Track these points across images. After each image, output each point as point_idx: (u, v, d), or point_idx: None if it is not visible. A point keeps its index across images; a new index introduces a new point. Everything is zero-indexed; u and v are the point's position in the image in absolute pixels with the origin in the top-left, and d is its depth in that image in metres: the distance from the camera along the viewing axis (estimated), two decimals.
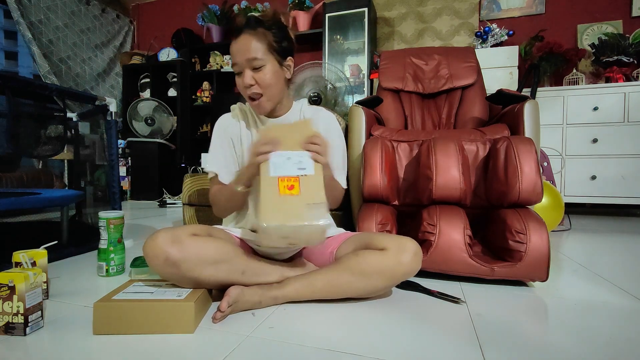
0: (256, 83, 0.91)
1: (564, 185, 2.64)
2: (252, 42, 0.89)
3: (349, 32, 3.38)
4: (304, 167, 0.83)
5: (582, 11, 2.95)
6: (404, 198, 1.34)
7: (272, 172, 0.81)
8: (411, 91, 1.83)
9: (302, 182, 0.81)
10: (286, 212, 0.78)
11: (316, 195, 0.80)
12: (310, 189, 0.81)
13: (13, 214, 2.09)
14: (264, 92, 0.93)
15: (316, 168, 0.83)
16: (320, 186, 0.82)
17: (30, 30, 3.37)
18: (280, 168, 0.82)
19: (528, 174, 1.10)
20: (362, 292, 0.89)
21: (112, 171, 1.56)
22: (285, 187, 0.80)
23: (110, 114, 1.57)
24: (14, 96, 1.33)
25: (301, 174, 0.82)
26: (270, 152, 0.82)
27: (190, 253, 0.77)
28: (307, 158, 0.84)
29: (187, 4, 4.27)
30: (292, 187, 0.81)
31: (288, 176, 0.81)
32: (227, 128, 1.04)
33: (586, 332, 0.77)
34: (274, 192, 0.80)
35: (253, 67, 0.90)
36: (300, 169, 0.82)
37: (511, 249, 1.04)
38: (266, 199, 0.79)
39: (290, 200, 0.79)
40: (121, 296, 0.77)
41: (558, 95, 2.64)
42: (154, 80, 4.06)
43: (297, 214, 0.78)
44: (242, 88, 0.93)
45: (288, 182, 0.81)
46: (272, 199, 0.79)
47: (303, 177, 0.82)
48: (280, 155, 0.83)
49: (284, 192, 0.80)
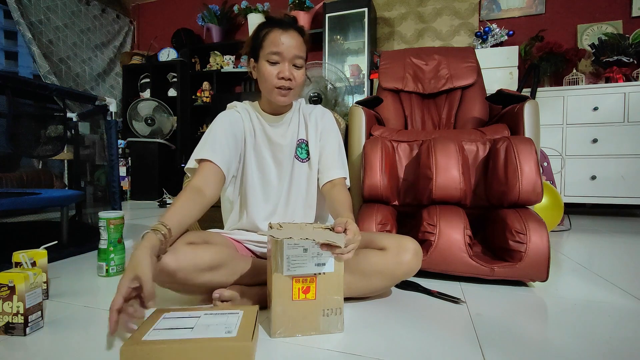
0: (293, 79, 0.94)
1: (564, 185, 2.64)
2: (301, 42, 0.95)
3: (349, 32, 3.38)
4: (324, 261, 0.72)
5: (582, 11, 2.95)
6: (404, 198, 1.34)
7: (286, 269, 0.70)
8: (411, 91, 1.83)
9: (320, 283, 0.72)
10: (299, 323, 0.71)
11: (334, 300, 0.72)
12: (328, 292, 0.72)
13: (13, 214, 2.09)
14: (294, 88, 0.96)
15: (336, 264, 0.72)
16: (339, 287, 0.72)
17: (30, 30, 3.37)
18: (296, 264, 0.71)
19: (528, 174, 1.10)
20: (362, 291, 0.89)
21: (112, 171, 1.56)
22: (300, 290, 0.71)
23: (110, 114, 1.57)
24: (14, 96, 1.33)
25: (319, 272, 0.72)
26: (282, 239, 0.68)
27: (185, 262, 0.76)
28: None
29: (187, 4, 4.27)
30: (307, 289, 0.71)
31: (304, 275, 0.71)
32: (232, 122, 1.00)
33: (585, 332, 0.77)
34: (287, 298, 0.71)
35: (294, 64, 0.94)
36: (319, 264, 0.72)
37: (511, 249, 1.04)
38: (277, 307, 0.71)
39: (304, 307, 0.71)
40: (153, 335, 0.61)
41: (558, 95, 2.64)
42: (154, 80, 4.06)
43: (312, 323, 0.72)
44: (274, 77, 0.93)
45: (304, 284, 0.71)
46: (284, 308, 0.71)
47: (321, 276, 0.72)
48: (296, 246, 0.71)
49: (298, 298, 0.71)
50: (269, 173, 1.01)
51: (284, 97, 0.96)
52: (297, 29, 0.95)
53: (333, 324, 0.73)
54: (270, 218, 1.00)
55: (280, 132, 1.02)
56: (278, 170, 1.02)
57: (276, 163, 1.02)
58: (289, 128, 1.04)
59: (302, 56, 0.94)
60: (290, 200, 1.01)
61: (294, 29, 0.94)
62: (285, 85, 0.94)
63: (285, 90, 0.95)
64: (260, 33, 0.95)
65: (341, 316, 0.73)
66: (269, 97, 0.98)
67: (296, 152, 1.03)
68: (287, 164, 1.02)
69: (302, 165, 1.03)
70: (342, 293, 0.73)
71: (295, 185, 1.02)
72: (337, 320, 0.73)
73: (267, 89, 0.96)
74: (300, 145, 1.04)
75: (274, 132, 1.02)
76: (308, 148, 1.04)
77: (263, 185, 1.01)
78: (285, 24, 0.93)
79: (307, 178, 1.03)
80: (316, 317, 0.72)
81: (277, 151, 1.01)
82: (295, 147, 1.03)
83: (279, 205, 1.01)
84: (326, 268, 0.72)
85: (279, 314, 0.71)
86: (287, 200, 1.01)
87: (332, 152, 1.03)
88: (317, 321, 0.72)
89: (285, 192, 1.02)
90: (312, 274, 0.71)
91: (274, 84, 0.94)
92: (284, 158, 1.01)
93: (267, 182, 1.01)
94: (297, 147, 1.03)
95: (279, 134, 1.02)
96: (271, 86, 0.94)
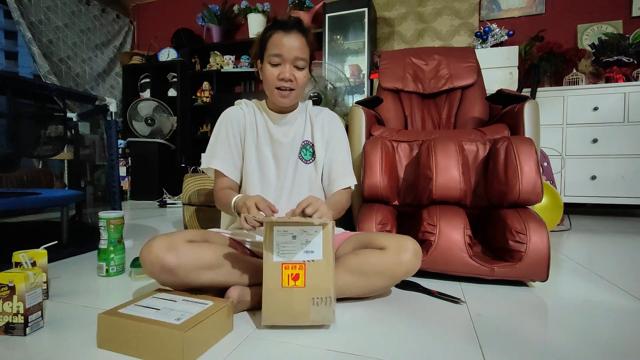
0: (294, 80, 0.95)
1: (564, 185, 2.64)
2: (304, 43, 0.96)
3: (349, 32, 3.38)
4: (312, 249, 0.73)
5: (582, 11, 2.95)
6: (404, 198, 1.34)
7: (275, 255, 0.73)
8: (411, 91, 1.83)
9: (309, 270, 0.73)
10: (289, 310, 0.72)
11: (324, 287, 0.73)
12: (317, 280, 0.73)
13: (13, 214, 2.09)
14: (295, 89, 0.97)
15: (325, 251, 0.74)
16: (329, 276, 0.73)
17: (30, 30, 3.37)
18: (285, 250, 0.73)
19: (528, 174, 1.10)
20: (362, 291, 0.89)
21: (112, 171, 1.56)
22: (289, 276, 0.72)
23: (110, 114, 1.57)
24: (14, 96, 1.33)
25: (308, 259, 0.73)
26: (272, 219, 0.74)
27: (186, 259, 0.77)
28: (316, 236, 0.74)
29: (187, 4, 4.27)
30: (297, 276, 0.72)
31: (293, 262, 0.73)
32: (236, 119, 1.05)
33: (586, 331, 0.77)
34: (277, 285, 0.72)
35: (296, 65, 0.95)
36: (308, 252, 0.73)
37: (511, 249, 1.04)
38: (268, 293, 0.72)
39: (294, 294, 0.72)
40: (129, 310, 0.69)
41: (558, 95, 2.64)
42: (154, 80, 4.06)
43: (301, 311, 0.72)
44: (275, 79, 0.95)
45: (293, 271, 0.72)
46: (274, 294, 0.72)
47: (310, 263, 0.73)
48: (285, 233, 0.74)
49: (288, 285, 0.72)
50: (268, 170, 1.02)
51: (284, 98, 0.97)
52: (301, 30, 0.96)
53: (323, 314, 0.73)
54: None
55: (283, 131, 1.04)
56: (277, 167, 1.03)
57: (276, 160, 1.03)
58: (293, 127, 1.05)
59: (304, 57, 0.95)
60: (292, 200, 1.02)
61: (296, 30, 0.95)
62: (285, 87, 0.95)
63: (286, 91, 0.96)
64: (265, 35, 0.97)
65: (332, 306, 0.73)
66: (271, 97, 1.01)
67: (300, 153, 1.04)
68: (287, 163, 1.02)
69: (306, 167, 1.04)
70: (332, 282, 0.73)
71: (297, 186, 1.03)
72: (328, 311, 0.73)
73: (269, 89, 0.99)
74: (305, 147, 1.05)
75: (277, 130, 1.04)
76: (313, 150, 1.06)
77: (261, 181, 1.02)
78: (288, 26, 0.95)
79: (310, 179, 1.04)
80: (306, 305, 0.72)
81: (277, 148, 1.03)
82: (299, 147, 1.04)
83: (278, 203, 1.01)
84: (315, 255, 0.73)
85: (269, 302, 0.72)
86: (289, 201, 1.02)
87: (343, 160, 1.07)
88: (307, 309, 0.72)
89: (287, 192, 1.02)
90: (302, 261, 0.73)
91: (274, 84, 0.96)
92: (283, 156, 1.02)
93: (266, 179, 1.02)
94: (302, 148, 1.05)
95: (281, 132, 1.03)
96: (272, 87, 0.97)
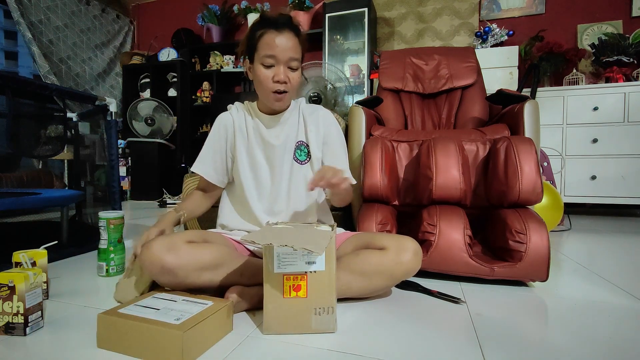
0: (289, 82, 0.94)
1: (564, 185, 2.64)
2: (296, 43, 0.93)
3: (349, 32, 3.38)
4: (314, 260, 0.72)
5: (582, 11, 2.95)
6: (404, 198, 1.34)
7: (276, 266, 0.72)
8: (411, 91, 1.83)
9: (311, 281, 0.72)
10: (290, 321, 0.72)
11: (326, 298, 0.72)
12: (319, 290, 0.72)
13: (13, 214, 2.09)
14: (290, 90, 0.95)
15: (327, 262, 0.72)
16: (331, 286, 0.72)
17: (30, 30, 3.37)
18: (286, 262, 0.72)
19: (528, 174, 1.10)
20: (362, 291, 0.89)
21: (112, 171, 1.56)
22: (290, 287, 0.71)
23: (110, 114, 1.57)
24: (14, 96, 1.33)
25: (310, 270, 0.72)
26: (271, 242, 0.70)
27: (186, 260, 0.77)
28: None
29: (187, 4, 4.27)
30: (298, 287, 0.72)
31: (295, 273, 0.72)
32: (224, 125, 1.05)
33: (586, 332, 0.77)
34: (278, 296, 0.72)
35: (289, 66, 0.93)
36: (310, 262, 0.72)
37: (511, 249, 1.04)
38: (269, 305, 0.72)
39: (295, 304, 0.72)
40: (129, 309, 0.69)
41: (558, 95, 2.64)
42: (154, 80, 4.06)
43: (303, 322, 0.72)
44: (269, 81, 0.93)
45: (294, 282, 0.72)
46: (274, 305, 0.72)
47: (312, 274, 0.72)
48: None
49: (289, 295, 0.72)
50: (262, 174, 1.01)
51: (280, 101, 0.96)
52: (293, 28, 0.93)
53: (325, 324, 0.73)
54: (268, 217, 1.00)
55: (275, 133, 1.02)
56: (271, 171, 1.01)
57: (269, 163, 1.01)
58: (285, 129, 1.02)
59: (298, 58, 0.93)
60: (290, 202, 1.01)
61: (289, 30, 0.92)
62: (280, 89, 0.93)
63: (281, 94, 0.94)
64: (255, 34, 0.93)
65: (333, 316, 0.73)
66: (265, 101, 0.98)
67: (295, 154, 1.02)
68: (281, 165, 1.01)
69: (302, 168, 1.02)
70: (334, 292, 0.73)
71: (294, 188, 1.01)
72: (329, 320, 0.73)
73: (264, 93, 0.96)
74: (299, 147, 1.03)
75: (268, 133, 1.01)
76: (308, 150, 1.04)
77: (256, 185, 1.02)
78: (279, 24, 0.91)
79: (307, 180, 1.02)
80: (307, 316, 0.72)
81: (270, 151, 1.01)
82: (293, 149, 1.02)
83: (276, 205, 1.01)
84: (316, 266, 0.72)
85: (270, 311, 0.72)
86: (288, 203, 1.01)
87: (340, 161, 1.05)
88: (309, 319, 0.72)
89: (285, 195, 1.01)
90: (303, 272, 0.72)
91: (270, 87, 0.93)
92: (276, 159, 1.00)
93: (260, 182, 1.01)
94: (296, 149, 1.03)
95: (272, 135, 1.01)
96: (267, 90, 0.94)
